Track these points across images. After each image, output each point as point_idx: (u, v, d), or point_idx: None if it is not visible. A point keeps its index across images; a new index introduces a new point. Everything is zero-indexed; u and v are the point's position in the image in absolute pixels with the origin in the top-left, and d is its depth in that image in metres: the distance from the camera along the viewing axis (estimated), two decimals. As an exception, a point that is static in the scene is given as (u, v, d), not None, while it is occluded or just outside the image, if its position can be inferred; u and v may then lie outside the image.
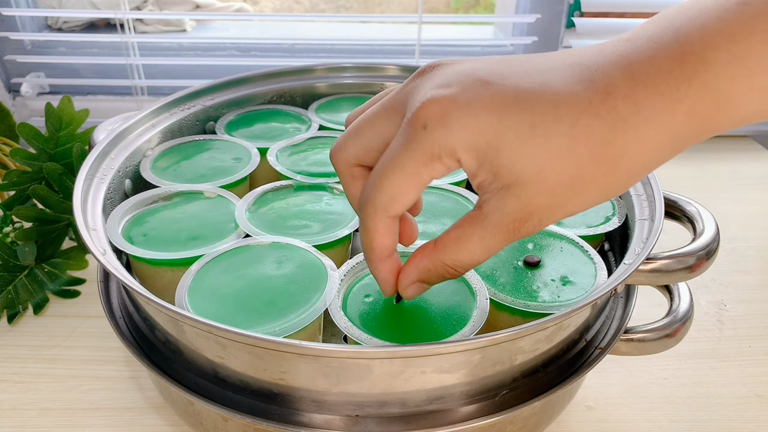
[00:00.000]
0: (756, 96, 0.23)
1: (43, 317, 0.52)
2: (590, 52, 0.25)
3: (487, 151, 0.24)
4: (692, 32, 0.23)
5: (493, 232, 0.26)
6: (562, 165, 0.24)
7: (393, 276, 0.30)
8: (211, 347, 0.31)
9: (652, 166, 0.25)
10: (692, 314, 0.38)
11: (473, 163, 0.25)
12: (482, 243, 0.27)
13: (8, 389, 0.45)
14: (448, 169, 0.26)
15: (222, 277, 0.36)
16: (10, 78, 0.81)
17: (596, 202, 0.25)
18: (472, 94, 0.24)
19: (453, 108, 0.24)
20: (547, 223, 0.26)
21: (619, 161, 0.24)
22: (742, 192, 0.74)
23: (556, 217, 0.26)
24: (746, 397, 0.46)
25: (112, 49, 0.82)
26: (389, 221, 0.28)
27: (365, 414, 0.31)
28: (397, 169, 0.26)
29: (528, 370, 0.33)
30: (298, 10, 1.17)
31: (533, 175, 0.24)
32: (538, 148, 0.24)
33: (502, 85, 0.24)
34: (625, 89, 0.23)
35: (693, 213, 0.39)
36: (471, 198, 0.44)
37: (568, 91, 0.24)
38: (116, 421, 0.43)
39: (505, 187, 0.25)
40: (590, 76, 0.24)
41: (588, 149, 0.23)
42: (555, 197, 0.25)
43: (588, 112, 0.23)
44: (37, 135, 0.56)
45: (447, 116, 0.24)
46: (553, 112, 0.24)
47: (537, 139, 0.24)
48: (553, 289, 0.36)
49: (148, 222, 0.41)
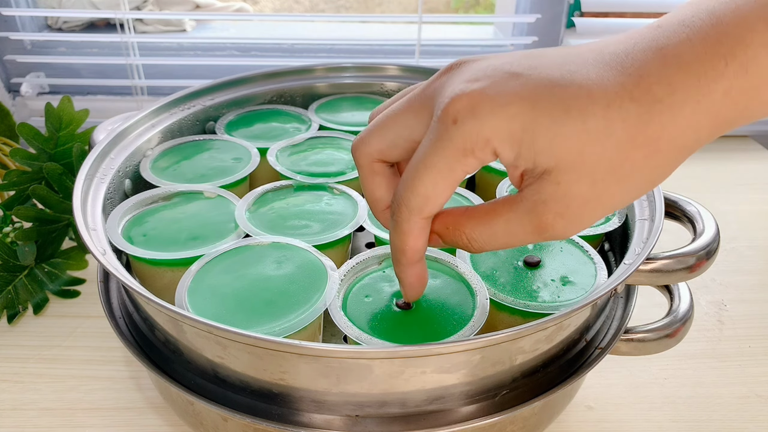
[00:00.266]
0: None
1: (43, 317, 0.52)
2: (617, 40, 0.25)
3: (523, 137, 0.24)
4: (726, 14, 0.23)
5: (523, 218, 0.25)
6: (601, 147, 0.23)
7: (419, 281, 0.29)
8: (211, 347, 0.31)
9: (692, 149, 0.24)
10: (692, 314, 0.38)
11: (510, 152, 0.24)
12: (507, 226, 0.26)
13: (8, 389, 0.45)
14: (481, 162, 0.25)
15: (222, 277, 0.36)
16: (10, 78, 0.81)
17: (637, 191, 0.25)
18: (502, 86, 0.24)
19: (483, 99, 0.24)
20: (583, 222, 0.25)
21: (658, 143, 0.23)
22: (742, 192, 0.74)
23: (594, 212, 0.24)
24: (746, 397, 0.46)
25: (112, 49, 0.82)
26: (423, 223, 0.27)
27: (365, 414, 0.31)
28: (429, 169, 0.25)
29: (528, 370, 0.33)
30: (298, 10, 1.17)
31: (573, 157, 0.23)
32: (576, 129, 0.23)
33: (530, 75, 0.24)
34: (658, 72, 0.23)
35: (693, 213, 0.39)
36: (471, 198, 0.44)
37: (599, 77, 0.23)
38: (116, 421, 0.43)
39: (545, 173, 0.24)
40: (620, 62, 0.24)
41: (625, 131, 0.23)
42: (595, 185, 0.24)
43: (622, 95, 0.23)
44: (37, 135, 0.56)
45: (477, 108, 0.24)
46: (587, 96, 0.23)
47: (573, 121, 0.23)
48: (553, 289, 0.36)
49: (148, 222, 0.41)
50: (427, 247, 0.38)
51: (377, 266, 0.37)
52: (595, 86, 0.23)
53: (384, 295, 0.35)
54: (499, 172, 0.47)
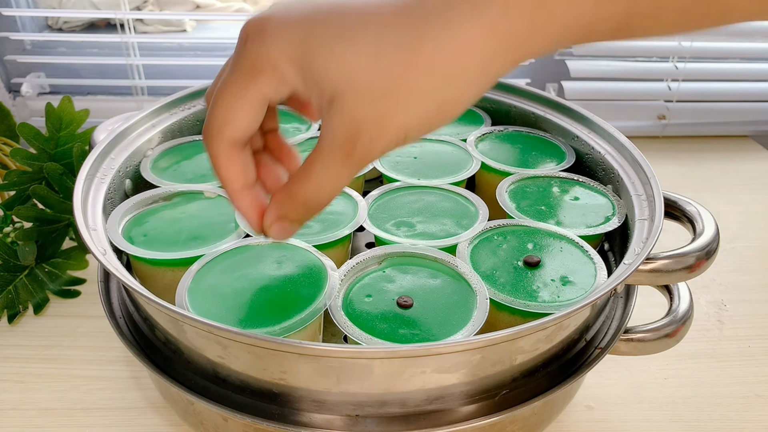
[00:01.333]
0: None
1: (43, 317, 0.52)
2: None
3: (303, 60, 0.24)
4: None
5: (330, 155, 0.25)
6: (373, 69, 0.23)
7: (254, 211, 0.29)
8: (212, 347, 0.31)
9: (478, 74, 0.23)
10: (692, 314, 0.38)
11: (296, 76, 0.25)
12: (325, 171, 0.26)
13: (8, 389, 0.45)
14: (276, 86, 0.25)
15: (222, 277, 0.36)
16: (11, 78, 0.81)
17: (426, 116, 0.24)
18: (291, 12, 0.25)
19: (270, 22, 0.25)
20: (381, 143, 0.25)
21: (433, 65, 0.23)
22: (742, 192, 0.74)
23: (387, 133, 0.24)
24: (746, 397, 0.46)
25: (112, 49, 0.82)
26: (229, 148, 0.27)
27: (365, 414, 0.31)
28: (225, 90, 0.26)
29: (528, 370, 0.33)
30: (298, 10, 1.17)
31: (347, 80, 0.23)
32: (346, 52, 0.23)
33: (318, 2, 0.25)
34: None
35: (693, 213, 0.39)
36: (471, 198, 0.44)
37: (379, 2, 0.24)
38: (116, 421, 0.43)
39: (329, 103, 0.24)
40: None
41: (398, 52, 0.23)
42: (375, 106, 0.24)
43: (399, 15, 0.23)
44: (37, 135, 0.56)
45: (264, 28, 0.25)
46: (362, 20, 0.23)
47: (344, 44, 0.23)
48: (552, 289, 0.36)
49: (148, 222, 0.41)
50: (427, 247, 0.38)
51: (377, 266, 0.37)
52: (374, 10, 0.23)
53: (384, 295, 0.35)
54: (499, 172, 0.47)
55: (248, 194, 0.29)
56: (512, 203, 0.44)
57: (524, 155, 0.50)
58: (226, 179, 0.28)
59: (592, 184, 0.46)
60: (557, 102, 0.52)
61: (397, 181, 0.46)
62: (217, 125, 0.26)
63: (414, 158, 0.49)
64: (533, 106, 0.54)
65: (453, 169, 0.48)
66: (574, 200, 0.44)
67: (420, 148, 0.51)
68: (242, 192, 0.28)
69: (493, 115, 0.56)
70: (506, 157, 0.50)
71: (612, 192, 0.45)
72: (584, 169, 0.49)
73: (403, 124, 0.24)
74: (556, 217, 0.43)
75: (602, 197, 0.45)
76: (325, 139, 0.25)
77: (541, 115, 0.53)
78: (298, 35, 0.24)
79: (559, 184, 0.46)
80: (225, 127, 0.26)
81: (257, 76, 0.25)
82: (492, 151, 0.50)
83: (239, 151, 0.27)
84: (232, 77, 0.25)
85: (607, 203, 0.44)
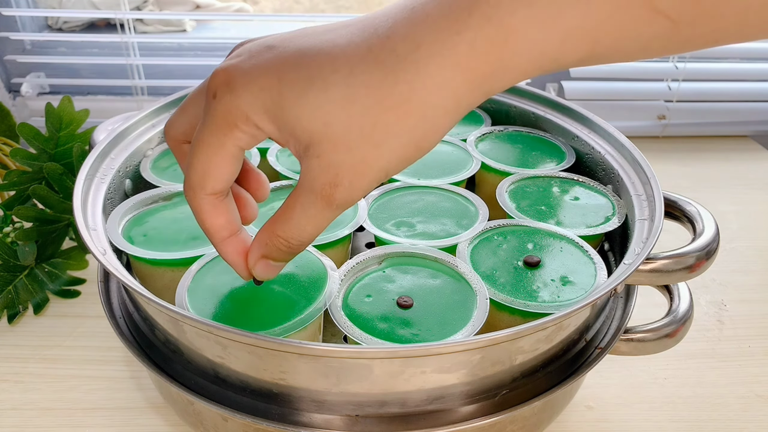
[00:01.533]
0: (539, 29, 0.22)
1: (43, 317, 0.52)
2: (385, 8, 0.24)
3: (275, 111, 0.24)
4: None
5: (310, 199, 0.25)
6: (346, 115, 0.23)
7: (241, 257, 0.29)
8: (211, 347, 0.31)
9: (455, 110, 0.24)
10: (692, 314, 0.38)
11: (271, 126, 0.24)
12: (305, 213, 0.26)
13: (8, 389, 0.45)
14: (252, 136, 0.25)
15: (222, 277, 0.36)
16: (10, 78, 0.81)
17: (404, 154, 0.24)
18: (256, 60, 0.24)
19: (236, 73, 0.24)
20: (362, 185, 0.25)
21: (407, 105, 0.23)
22: (742, 192, 0.74)
23: (366, 176, 0.24)
24: (746, 397, 0.46)
25: (112, 49, 0.82)
26: (212, 199, 0.27)
27: (365, 414, 0.31)
28: (201, 144, 0.26)
29: (528, 370, 0.33)
30: (298, 10, 1.17)
31: (322, 129, 0.23)
32: (318, 100, 0.23)
33: (284, 47, 0.24)
34: (404, 31, 0.23)
35: (693, 213, 0.39)
36: (471, 198, 0.44)
37: (347, 43, 0.24)
38: (116, 421, 0.43)
39: (305, 149, 0.24)
40: (374, 27, 0.24)
41: (370, 96, 0.23)
42: (352, 152, 0.24)
43: (367, 58, 0.23)
44: (37, 135, 0.56)
45: (232, 82, 0.24)
46: (330, 64, 0.23)
47: (315, 91, 0.23)
48: (552, 289, 0.36)
49: (148, 222, 0.41)
50: (427, 247, 0.38)
51: (377, 266, 0.37)
52: (341, 53, 0.23)
53: (384, 295, 0.35)
54: (499, 172, 0.47)
55: (234, 242, 0.29)
56: (512, 203, 0.44)
57: (524, 155, 0.50)
58: (212, 230, 0.28)
59: (592, 184, 0.46)
60: (557, 102, 0.53)
61: (397, 181, 0.46)
62: (198, 180, 0.26)
63: (414, 158, 0.49)
64: (533, 106, 0.54)
65: (453, 169, 0.48)
66: (574, 200, 0.44)
67: (420, 148, 0.51)
68: (228, 241, 0.29)
69: (493, 115, 0.56)
70: (506, 157, 0.50)
71: (612, 192, 0.45)
72: (584, 169, 0.49)
73: (383, 165, 0.24)
74: (556, 217, 0.43)
75: (602, 197, 0.45)
76: (304, 182, 0.25)
77: (541, 115, 0.53)
78: (267, 85, 0.24)
79: (559, 184, 0.46)
80: (206, 180, 0.26)
81: (231, 130, 0.25)
82: (492, 151, 0.50)
83: (221, 201, 0.28)
84: (206, 131, 0.25)
85: (607, 203, 0.44)
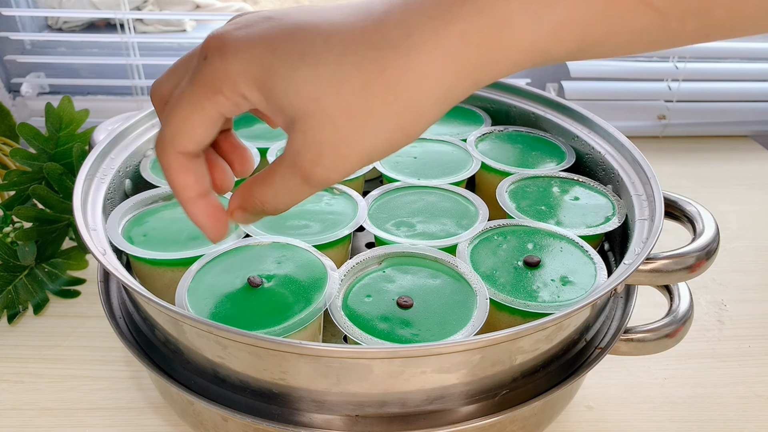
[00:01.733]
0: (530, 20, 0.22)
1: (43, 317, 0.52)
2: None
3: (264, 81, 0.24)
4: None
5: (290, 172, 0.25)
6: (334, 93, 0.23)
7: (209, 219, 0.29)
8: (211, 347, 0.31)
9: (443, 98, 0.24)
10: (692, 314, 0.38)
11: (258, 96, 0.24)
12: (283, 184, 0.26)
13: (8, 389, 0.45)
14: (235, 104, 0.25)
15: (222, 277, 0.36)
16: (10, 78, 0.81)
17: (389, 138, 0.24)
18: (252, 29, 0.24)
19: (231, 40, 0.24)
20: (344, 166, 0.25)
21: (396, 89, 0.23)
22: (742, 192, 0.74)
23: (348, 158, 0.24)
24: (746, 397, 0.46)
25: (112, 49, 0.82)
26: (181, 158, 0.27)
27: (365, 414, 0.31)
28: (181, 101, 0.25)
29: (528, 370, 0.33)
30: (298, 10, 1.17)
31: (309, 104, 0.23)
32: (308, 75, 0.23)
33: (281, 20, 0.24)
34: (399, 16, 0.23)
35: (693, 213, 0.39)
36: (471, 198, 0.44)
37: (342, 22, 0.24)
38: (116, 421, 0.43)
39: (292, 123, 0.24)
40: (369, 9, 0.24)
41: (360, 77, 0.23)
42: (337, 130, 0.24)
43: (360, 40, 0.23)
44: (37, 135, 0.56)
45: (225, 47, 0.24)
46: (324, 42, 0.23)
47: (306, 67, 0.23)
48: (552, 289, 0.36)
49: (148, 222, 0.41)
50: (427, 247, 0.38)
51: (377, 266, 0.37)
52: (335, 32, 0.23)
53: (384, 295, 0.35)
54: (499, 172, 0.47)
55: (201, 202, 0.28)
56: (512, 203, 0.44)
57: (524, 155, 0.50)
58: (178, 188, 0.28)
59: (592, 184, 0.46)
60: (557, 102, 0.53)
61: (397, 181, 0.46)
62: (170, 136, 0.26)
63: (414, 158, 0.49)
64: (533, 106, 0.54)
65: (453, 169, 0.48)
66: (574, 200, 0.44)
67: (420, 148, 0.51)
68: (195, 200, 0.28)
69: (493, 115, 0.56)
70: (506, 157, 0.50)
71: (612, 192, 0.45)
72: (584, 169, 0.49)
73: (366, 147, 0.24)
74: (556, 217, 0.43)
75: (602, 197, 0.45)
76: (287, 155, 0.25)
77: (541, 115, 0.53)
78: (259, 54, 0.24)
79: (559, 184, 0.46)
80: (178, 138, 0.26)
81: (215, 94, 0.25)
82: (492, 151, 0.50)
83: (191, 161, 0.27)
84: (190, 90, 0.25)
85: (607, 203, 0.44)
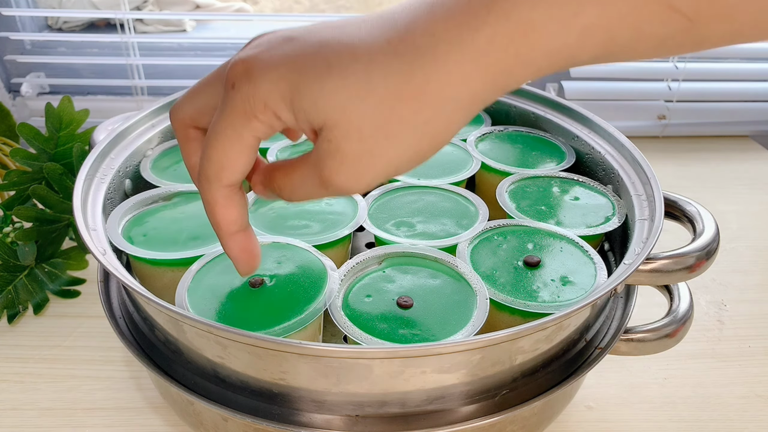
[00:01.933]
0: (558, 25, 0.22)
1: (43, 317, 0.52)
2: (403, 4, 0.25)
3: (293, 97, 0.24)
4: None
5: (311, 174, 0.25)
6: (362, 103, 0.23)
7: (245, 254, 0.29)
8: (211, 347, 0.31)
9: (470, 103, 0.24)
10: (692, 314, 0.38)
11: (288, 114, 0.25)
12: (302, 179, 0.26)
13: (8, 389, 0.45)
14: (269, 126, 0.25)
15: (222, 277, 0.36)
16: (10, 78, 0.81)
17: (415, 148, 0.24)
18: (275, 51, 0.25)
19: (255, 64, 0.24)
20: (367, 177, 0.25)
21: (424, 97, 0.23)
22: (742, 192, 0.74)
23: (371, 168, 0.24)
24: (746, 397, 0.46)
25: (112, 49, 0.82)
26: (227, 191, 0.27)
27: (365, 414, 0.31)
28: (219, 135, 0.26)
29: (528, 370, 0.33)
30: (298, 10, 1.17)
31: (337, 114, 0.24)
32: (337, 85, 0.23)
33: (304, 39, 0.25)
34: (424, 25, 0.23)
35: (693, 213, 0.39)
36: (471, 198, 0.44)
37: (368, 34, 0.24)
38: (116, 421, 0.43)
39: (321, 131, 0.24)
40: (394, 21, 0.24)
41: (387, 86, 0.23)
42: (364, 141, 0.24)
43: (386, 50, 0.23)
44: (37, 135, 0.56)
45: (251, 72, 0.24)
46: (350, 53, 0.23)
47: (334, 77, 0.23)
48: (553, 289, 0.36)
49: (148, 222, 0.41)
50: (427, 247, 0.38)
51: (377, 266, 0.37)
52: (361, 43, 0.24)
53: (384, 295, 0.35)
54: (499, 172, 0.47)
55: (240, 237, 0.29)
56: (512, 203, 0.44)
57: (524, 155, 0.50)
58: (222, 223, 0.28)
59: (592, 184, 0.46)
60: (557, 102, 0.53)
61: (397, 181, 0.46)
62: (215, 170, 0.26)
63: (414, 158, 0.49)
64: (533, 106, 0.54)
65: (453, 169, 0.48)
66: (574, 200, 0.44)
67: (420, 148, 0.51)
68: (236, 236, 0.28)
69: (493, 115, 0.56)
70: (506, 157, 0.50)
71: (612, 192, 0.45)
72: (584, 169, 0.49)
73: (392, 158, 0.24)
74: (556, 217, 0.43)
75: (602, 197, 0.45)
76: (311, 157, 0.25)
77: (541, 115, 0.53)
78: (286, 73, 0.24)
79: (559, 184, 0.46)
80: (223, 172, 0.26)
81: (250, 120, 0.25)
82: (492, 151, 0.50)
83: (235, 193, 0.28)
84: (224, 122, 0.25)
85: (607, 203, 0.44)
